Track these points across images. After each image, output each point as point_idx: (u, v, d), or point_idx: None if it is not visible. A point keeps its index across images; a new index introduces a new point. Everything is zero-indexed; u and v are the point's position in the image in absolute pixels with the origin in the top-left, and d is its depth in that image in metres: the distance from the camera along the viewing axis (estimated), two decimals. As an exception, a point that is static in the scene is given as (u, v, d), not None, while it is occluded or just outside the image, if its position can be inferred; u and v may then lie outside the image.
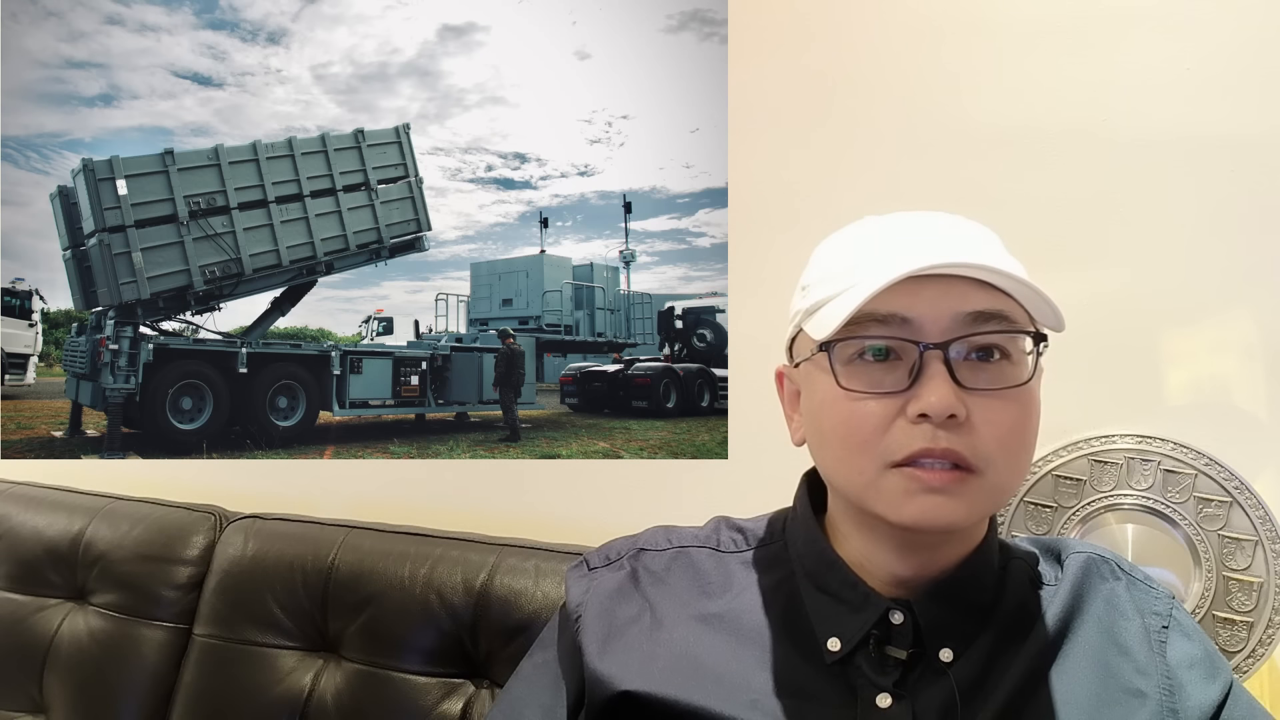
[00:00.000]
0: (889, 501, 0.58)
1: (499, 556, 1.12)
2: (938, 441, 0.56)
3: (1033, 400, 0.60)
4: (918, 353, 0.57)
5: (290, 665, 1.16)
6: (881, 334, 0.58)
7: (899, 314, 0.58)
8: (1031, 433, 0.61)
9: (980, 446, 0.57)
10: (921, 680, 0.61)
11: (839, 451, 0.61)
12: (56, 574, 1.34)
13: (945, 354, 0.57)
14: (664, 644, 0.66)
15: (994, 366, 0.59)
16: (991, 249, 0.62)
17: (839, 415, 0.60)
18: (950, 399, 0.56)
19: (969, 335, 0.58)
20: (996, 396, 0.58)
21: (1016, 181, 1.13)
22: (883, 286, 0.56)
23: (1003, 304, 0.59)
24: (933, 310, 0.58)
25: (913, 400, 0.57)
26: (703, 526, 0.76)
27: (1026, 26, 1.15)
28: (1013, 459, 0.59)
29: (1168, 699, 0.60)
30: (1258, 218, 1.05)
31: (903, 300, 0.57)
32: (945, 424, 0.56)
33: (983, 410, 0.57)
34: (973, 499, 0.58)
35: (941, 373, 0.57)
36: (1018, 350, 0.60)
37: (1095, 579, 0.66)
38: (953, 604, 0.63)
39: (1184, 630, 0.65)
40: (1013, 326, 0.59)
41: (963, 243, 0.61)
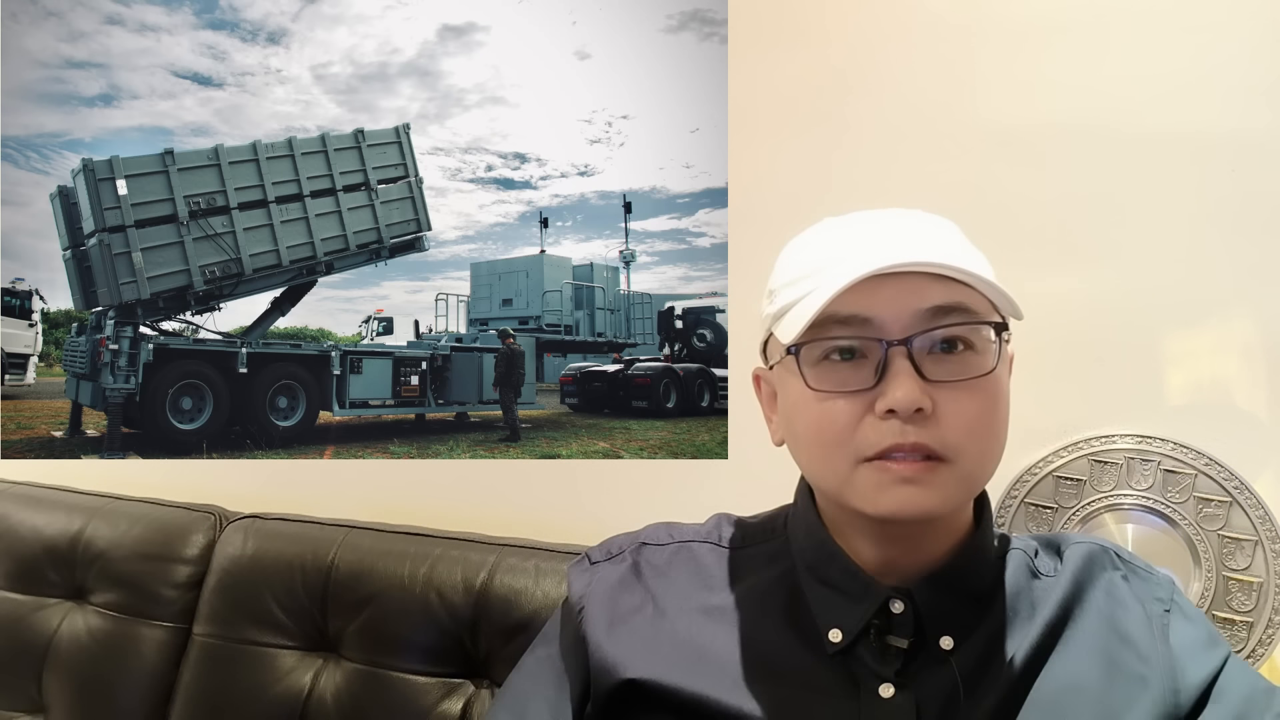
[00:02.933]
0: (864, 495, 0.59)
1: (499, 556, 1.12)
2: (906, 436, 0.57)
3: (1000, 388, 0.61)
4: (881, 350, 0.58)
5: (290, 665, 1.16)
6: (845, 334, 0.59)
7: (860, 314, 0.59)
8: (1000, 420, 0.61)
9: (949, 437, 0.58)
10: (923, 669, 0.61)
11: (813, 450, 0.62)
12: (56, 573, 1.33)
13: (908, 349, 0.58)
14: (667, 632, 0.67)
15: (958, 358, 0.59)
16: (949, 243, 0.63)
17: (810, 415, 0.61)
18: (915, 394, 0.57)
19: (929, 329, 0.59)
20: (962, 388, 0.59)
21: (1017, 181, 1.13)
22: (840, 289, 0.57)
23: (962, 295, 0.59)
24: (892, 308, 0.59)
25: (880, 397, 0.58)
26: (704, 523, 0.76)
27: (1026, 26, 1.15)
28: (982, 446, 0.60)
29: (1169, 681, 0.61)
30: (1258, 217, 1.05)
31: (863, 300, 0.58)
32: (913, 418, 0.57)
33: (949, 401, 0.58)
34: (945, 487, 0.59)
35: (906, 368, 0.57)
36: (981, 340, 0.60)
37: (1095, 569, 0.67)
38: (951, 592, 0.63)
39: (1185, 614, 0.65)
40: (973, 318, 0.59)
41: (918, 239, 0.62)
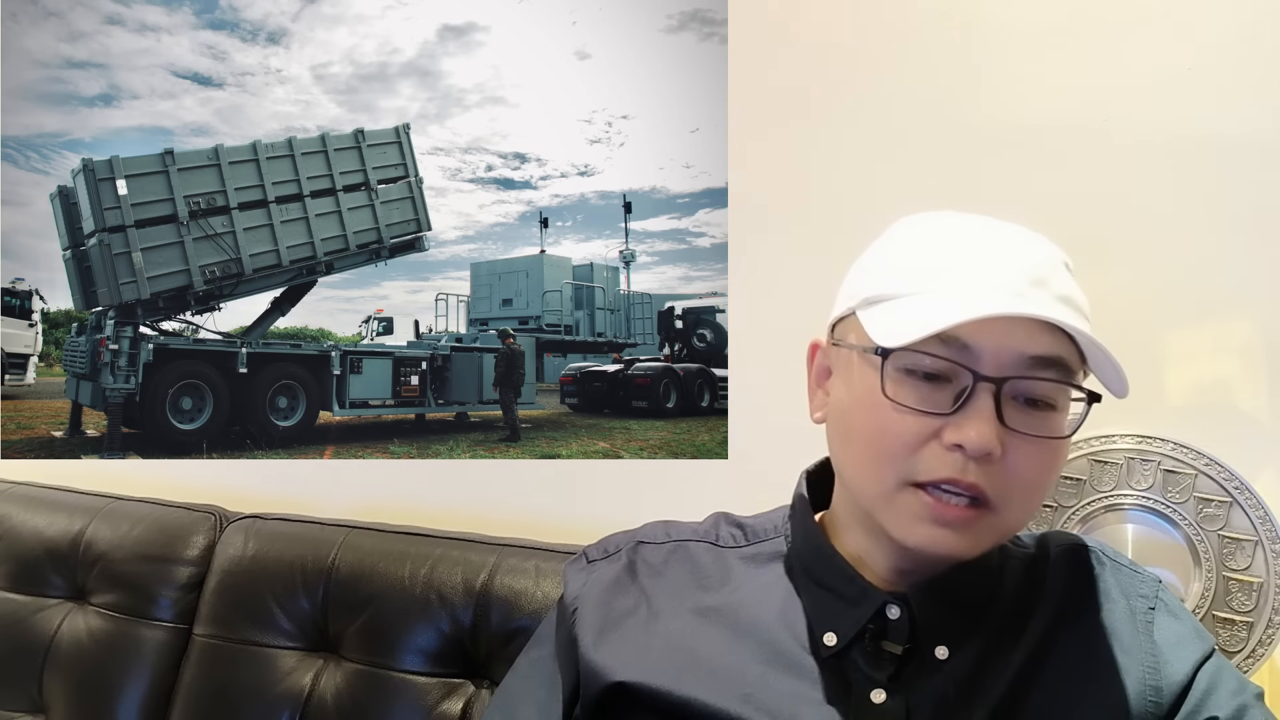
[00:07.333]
0: (898, 520, 0.59)
1: (499, 556, 1.12)
2: (966, 474, 0.56)
3: (1065, 454, 0.61)
4: (970, 381, 0.56)
5: (290, 665, 1.16)
6: (941, 354, 0.57)
7: (961, 339, 0.57)
8: (1053, 482, 0.61)
9: (1003, 487, 0.57)
10: (916, 676, 0.61)
11: (863, 453, 0.61)
12: (56, 574, 1.33)
13: (998, 390, 0.56)
14: (659, 636, 0.66)
15: (1040, 413, 0.58)
16: (1065, 283, 0.60)
17: (875, 421, 0.59)
18: (991, 438, 0.55)
19: (1026, 377, 0.57)
20: (1033, 443, 0.57)
21: (1017, 181, 1.13)
22: (962, 322, 0.54)
23: (1064, 349, 0.57)
24: (996, 344, 0.56)
25: (952, 428, 0.56)
26: (702, 522, 0.76)
27: (1027, 26, 1.15)
28: (1028, 502, 0.60)
29: (1150, 676, 0.60)
30: (1258, 217, 1.05)
31: (969, 326, 0.56)
32: (978, 460, 0.56)
33: (1016, 452, 0.57)
34: (980, 535, 0.58)
35: (989, 407, 0.56)
36: (1065, 401, 0.59)
37: (1082, 569, 0.67)
38: (949, 601, 0.63)
39: (1171, 611, 0.65)
40: (1069, 378, 0.58)
41: (1042, 278, 0.59)
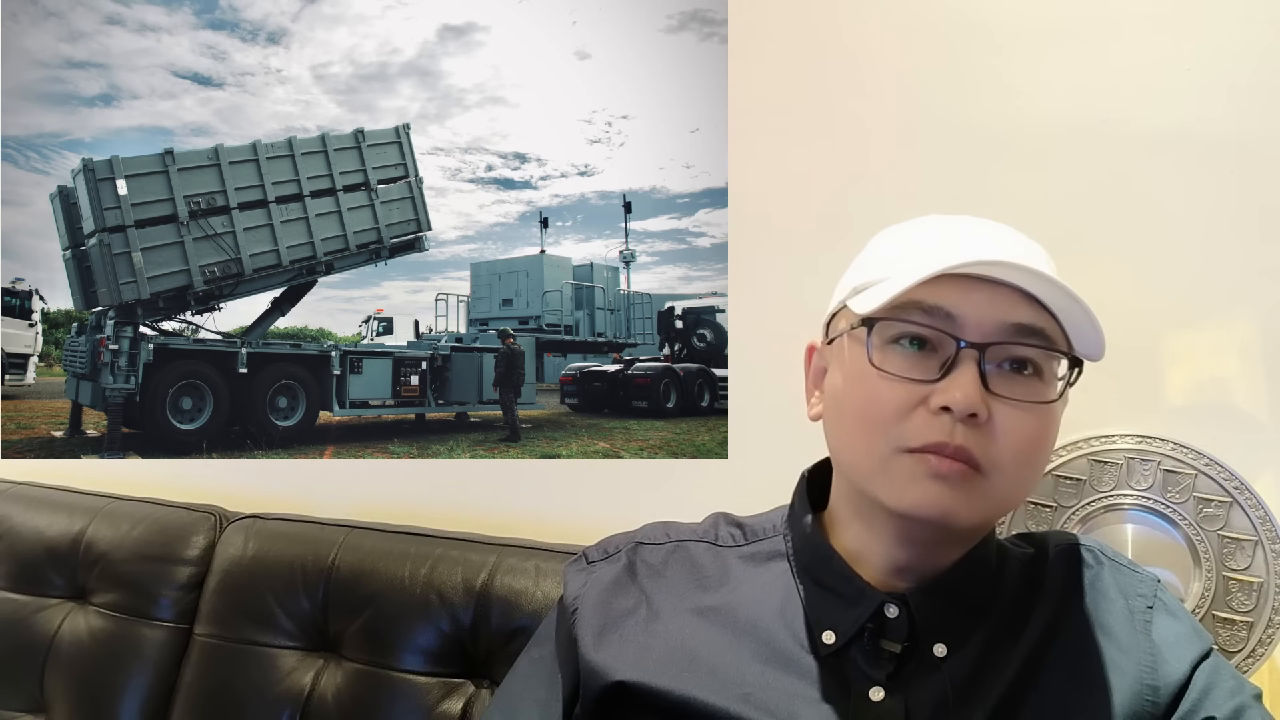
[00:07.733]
0: (893, 485, 0.59)
1: (499, 556, 1.12)
2: (954, 437, 0.57)
3: (1053, 421, 0.61)
4: (955, 348, 0.58)
5: (290, 665, 1.16)
6: (924, 322, 0.59)
7: (944, 307, 0.58)
8: (1045, 452, 0.62)
9: (993, 451, 0.58)
10: (915, 675, 0.61)
11: (856, 428, 0.62)
12: (57, 574, 1.33)
13: (981, 355, 0.58)
14: (659, 635, 0.66)
15: (1024, 380, 0.60)
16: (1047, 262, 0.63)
17: (864, 392, 0.61)
18: (975, 397, 0.57)
19: (1008, 343, 0.59)
20: (1019, 408, 0.59)
21: (1016, 181, 1.13)
22: (937, 272, 0.56)
23: (1046, 322, 0.59)
24: (979, 311, 0.58)
25: (938, 392, 0.58)
26: (701, 522, 0.76)
27: (1027, 26, 1.15)
28: (1021, 471, 0.60)
29: (1148, 675, 0.61)
30: (1258, 218, 1.05)
31: (952, 295, 0.58)
32: (964, 422, 0.57)
33: (1003, 418, 0.58)
34: (974, 499, 0.58)
35: (972, 371, 0.58)
36: (1050, 371, 0.61)
37: (1080, 568, 0.67)
38: (948, 600, 0.63)
39: (1169, 610, 0.65)
40: (1052, 345, 0.60)
41: (1022, 252, 0.61)
